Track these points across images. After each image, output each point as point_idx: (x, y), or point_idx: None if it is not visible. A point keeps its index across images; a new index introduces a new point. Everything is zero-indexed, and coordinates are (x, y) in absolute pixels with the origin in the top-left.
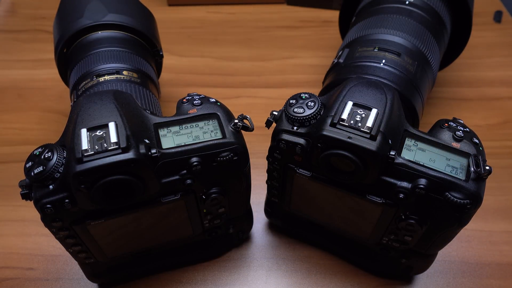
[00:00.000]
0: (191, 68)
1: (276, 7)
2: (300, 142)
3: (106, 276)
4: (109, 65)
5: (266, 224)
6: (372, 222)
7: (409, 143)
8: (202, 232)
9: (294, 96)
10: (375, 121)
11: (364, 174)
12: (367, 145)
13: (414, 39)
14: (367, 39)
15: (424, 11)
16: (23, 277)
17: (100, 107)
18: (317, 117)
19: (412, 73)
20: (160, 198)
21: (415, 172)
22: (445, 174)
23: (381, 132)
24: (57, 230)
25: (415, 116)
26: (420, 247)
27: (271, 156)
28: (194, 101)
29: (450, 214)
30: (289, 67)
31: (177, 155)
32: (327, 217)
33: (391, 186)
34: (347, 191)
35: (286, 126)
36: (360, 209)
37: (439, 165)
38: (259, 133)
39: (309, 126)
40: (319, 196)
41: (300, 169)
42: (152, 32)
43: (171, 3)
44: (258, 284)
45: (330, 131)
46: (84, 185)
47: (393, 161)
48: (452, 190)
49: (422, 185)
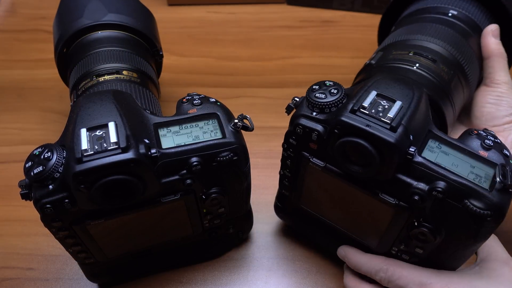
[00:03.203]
0: (191, 68)
1: (276, 7)
2: (317, 128)
3: (106, 276)
4: (109, 65)
5: (266, 224)
6: (383, 227)
7: (432, 145)
8: (202, 232)
9: (318, 82)
10: (397, 113)
11: (380, 168)
12: (386, 135)
13: (453, 49)
14: (403, 43)
15: (466, 24)
16: (23, 277)
17: (100, 107)
18: (338, 104)
19: (446, 80)
20: (160, 198)
21: (434, 173)
22: (467, 180)
23: (403, 125)
24: (57, 230)
25: (443, 123)
26: (431, 263)
27: (286, 142)
28: (194, 101)
29: (467, 226)
30: (289, 67)
31: (177, 155)
32: (336, 217)
33: (407, 186)
34: (359, 187)
35: (306, 111)
36: (371, 210)
37: (462, 171)
38: (259, 133)
39: (329, 113)
40: (330, 191)
41: (314, 158)
42: (152, 32)
43: (171, 3)
44: (258, 284)
45: (349, 117)
46: (84, 185)
47: (412, 159)
48: (473, 198)
49: (440, 188)
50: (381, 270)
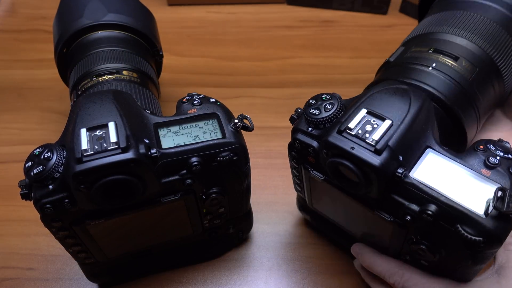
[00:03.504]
0: (191, 68)
1: (276, 7)
2: (312, 144)
3: (106, 276)
4: (109, 65)
5: (266, 224)
6: (386, 239)
7: (428, 163)
8: (202, 232)
9: (315, 96)
10: (384, 134)
11: (368, 188)
12: (369, 158)
13: (483, 41)
14: (426, 38)
15: (507, 8)
16: (23, 277)
17: (100, 107)
18: (333, 120)
19: (467, 81)
20: (160, 198)
21: (425, 195)
22: (458, 204)
23: (389, 146)
24: (57, 230)
25: (461, 133)
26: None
27: (289, 153)
28: (194, 101)
29: (462, 249)
30: (289, 67)
31: (177, 155)
32: (344, 222)
33: (400, 205)
34: (357, 201)
35: (303, 126)
36: (374, 222)
37: (456, 193)
38: (259, 133)
39: (324, 129)
40: (334, 200)
41: (314, 170)
42: (152, 32)
43: (171, 3)
44: (258, 284)
45: (335, 138)
46: (84, 185)
47: (402, 180)
48: (465, 224)
49: (430, 211)
50: (396, 274)
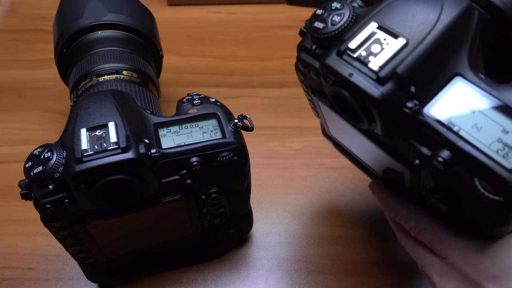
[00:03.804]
0: (191, 68)
1: (276, 7)
2: (316, 66)
3: (106, 276)
4: (108, 65)
5: (266, 224)
6: (401, 179)
7: (452, 95)
8: (202, 232)
9: (324, 4)
10: (393, 57)
11: (371, 124)
12: (368, 88)
13: None
14: None
15: None
16: (23, 277)
17: (100, 107)
18: (340, 36)
19: None
20: (160, 198)
21: (438, 138)
22: (479, 152)
23: (397, 74)
24: (57, 230)
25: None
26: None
27: (297, 74)
28: (194, 101)
29: (481, 208)
30: (289, 67)
31: (177, 155)
32: (362, 156)
33: (409, 146)
34: (366, 136)
35: (307, 43)
36: (386, 161)
37: (483, 137)
38: (259, 133)
39: (329, 47)
40: (347, 132)
41: (321, 96)
42: (152, 32)
43: (171, 3)
44: (258, 284)
45: (333, 60)
46: (84, 185)
47: (413, 116)
48: (484, 178)
49: (442, 158)
50: (413, 220)
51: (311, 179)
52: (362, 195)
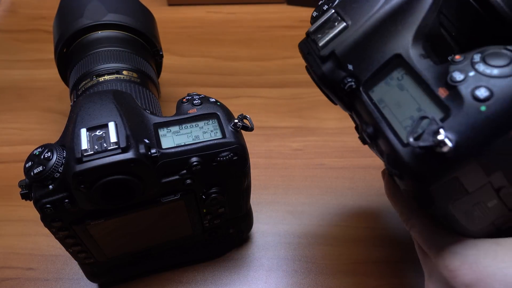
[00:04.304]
0: (191, 68)
1: (276, 7)
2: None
3: (106, 276)
4: (109, 65)
5: (266, 224)
6: None
7: (387, 74)
8: (202, 232)
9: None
10: (333, 38)
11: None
12: (314, 65)
13: None
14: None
15: None
16: (23, 277)
17: (100, 107)
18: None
19: None
20: (160, 198)
21: (367, 114)
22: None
23: (334, 53)
24: (57, 230)
25: None
26: None
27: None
28: (194, 101)
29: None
30: (289, 67)
31: (177, 155)
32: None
33: (357, 121)
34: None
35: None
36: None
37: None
38: (259, 133)
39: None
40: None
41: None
42: (152, 32)
43: (171, 3)
44: (258, 284)
45: (303, 42)
46: (84, 185)
47: (351, 92)
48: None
49: (366, 132)
50: (403, 214)
51: (311, 179)
52: (362, 195)
